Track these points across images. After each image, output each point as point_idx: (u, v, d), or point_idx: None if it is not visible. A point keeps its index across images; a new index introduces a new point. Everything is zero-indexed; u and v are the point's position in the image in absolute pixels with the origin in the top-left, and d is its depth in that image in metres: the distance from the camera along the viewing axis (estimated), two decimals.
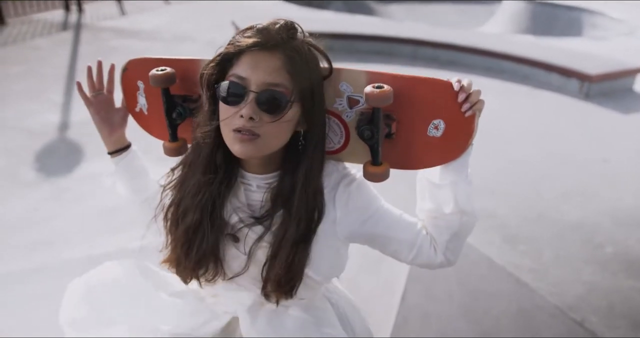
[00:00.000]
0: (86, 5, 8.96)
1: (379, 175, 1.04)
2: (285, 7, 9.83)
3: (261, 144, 0.97)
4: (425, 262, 1.11)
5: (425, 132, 1.02)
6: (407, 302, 2.60)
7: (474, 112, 0.98)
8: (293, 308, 1.16)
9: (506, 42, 7.24)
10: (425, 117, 1.01)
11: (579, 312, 2.63)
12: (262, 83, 0.94)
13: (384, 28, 7.75)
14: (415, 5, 12.97)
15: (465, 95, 0.97)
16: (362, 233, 1.10)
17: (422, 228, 1.11)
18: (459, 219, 1.06)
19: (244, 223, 1.05)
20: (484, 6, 12.65)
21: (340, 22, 8.17)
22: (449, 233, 1.08)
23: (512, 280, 2.84)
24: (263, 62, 0.94)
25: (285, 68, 0.95)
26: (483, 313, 2.59)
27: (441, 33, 7.39)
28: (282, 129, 0.98)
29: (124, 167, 1.28)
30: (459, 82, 0.98)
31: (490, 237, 3.22)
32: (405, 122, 1.03)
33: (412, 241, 1.10)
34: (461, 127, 1.00)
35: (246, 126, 0.95)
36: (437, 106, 1.00)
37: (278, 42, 0.95)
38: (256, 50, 0.95)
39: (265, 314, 1.14)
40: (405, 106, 1.02)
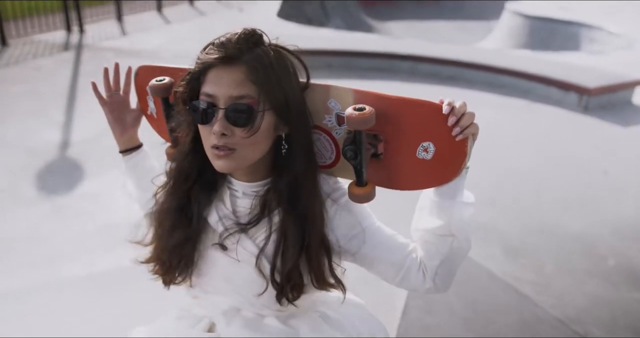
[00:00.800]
0: (87, 26, 9.05)
1: (362, 196, 1.02)
2: (285, 25, 9.93)
3: (238, 157, 0.97)
4: (412, 286, 1.08)
5: (414, 154, 0.99)
6: (408, 316, 2.58)
7: (465, 136, 0.94)
8: (270, 318, 1.14)
9: (505, 57, 7.29)
10: (413, 139, 0.99)
11: (581, 324, 2.61)
12: (228, 98, 0.94)
13: (383, 44, 7.81)
14: (413, 23, 13.11)
15: (455, 118, 0.93)
16: (348, 250, 1.08)
17: (412, 251, 1.08)
18: (449, 244, 1.01)
19: (229, 231, 1.06)
20: (482, 23, 12.78)
21: (340, 40, 8.24)
22: (439, 258, 1.03)
23: (513, 292, 2.82)
24: (226, 76, 0.94)
25: (248, 79, 0.94)
26: (484, 326, 2.57)
27: (440, 49, 7.45)
28: (257, 139, 0.97)
29: (133, 166, 1.31)
30: (449, 105, 0.94)
31: (490, 249, 3.20)
32: (393, 142, 1.01)
33: (400, 263, 1.07)
34: (453, 150, 0.96)
35: (220, 142, 0.95)
36: (426, 128, 0.97)
37: (237, 54, 0.95)
38: (219, 66, 0.95)
39: (241, 319, 1.13)
40: (392, 127, 1.00)
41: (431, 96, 3.70)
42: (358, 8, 13.34)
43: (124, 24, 9.53)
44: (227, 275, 1.09)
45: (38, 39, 8.23)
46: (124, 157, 1.31)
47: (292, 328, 1.14)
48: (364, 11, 13.35)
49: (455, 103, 0.95)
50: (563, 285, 2.92)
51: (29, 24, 8.52)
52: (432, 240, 1.02)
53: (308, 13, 11.82)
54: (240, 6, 11.50)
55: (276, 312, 1.12)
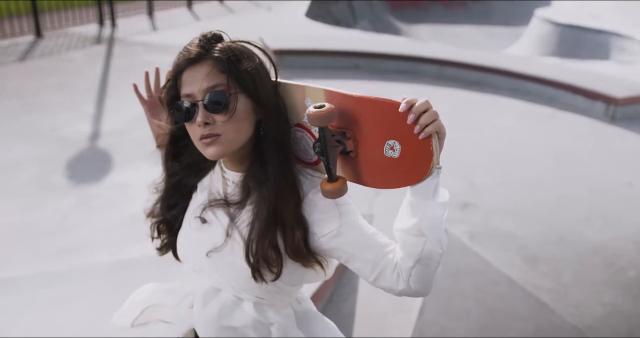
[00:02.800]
0: (119, 20, 9.23)
1: (332, 191, 1.03)
2: (312, 25, 9.98)
3: (225, 140, 1.06)
4: (387, 286, 1.08)
5: (382, 152, 1.01)
6: (424, 318, 2.61)
7: (427, 134, 0.95)
8: (247, 304, 1.17)
9: (532, 64, 7.25)
10: (378, 137, 1.00)
11: (598, 333, 2.62)
12: (203, 90, 1.04)
13: (409, 48, 7.82)
14: (441, 27, 13.05)
15: (413, 116, 0.94)
16: (325, 246, 1.09)
17: (390, 252, 1.08)
18: (422, 244, 1.00)
19: (210, 203, 1.16)
20: (510, 28, 12.67)
21: (366, 41, 8.27)
22: (412, 260, 1.02)
23: (531, 300, 2.84)
24: (197, 73, 1.05)
25: (216, 68, 1.05)
26: (500, 333, 2.59)
27: (466, 54, 7.44)
28: (238, 122, 1.06)
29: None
30: (407, 103, 0.95)
31: (510, 257, 3.22)
32: (361, 140, 1.04)
33: (375, 262, 1.07)
34: (418, 149, 0.96)
35: (205, 131, 1.05)
36: (389, 127, 0.98)
37: (202, 52, 1.06)
38: (189, 67, 1.06)
39: (219, 302, 1.17)
40: (358, 125, 1.03)
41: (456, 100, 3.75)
42: (386, 10, 13.34)
43: (154, 19, 9.68)
44: (210, 256, 1.16)
45: (71, 31, 8.41)
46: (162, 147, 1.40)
47: (264, 318, 1.17)
48: (391, 13, 13.34)
49: (415, 101, 0.95)
50: (581, 295, 2.92)
51: (64, 17, 8.71)
52: (407, 240, 1.03)
53: (335, 14, 11.86)
54: (270, 5, 11.60)
55: (255, 297, 1.16)
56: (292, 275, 1.12)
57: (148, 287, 1.36)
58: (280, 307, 1.20)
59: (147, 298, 1.32)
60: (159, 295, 1.30)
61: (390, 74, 6.86)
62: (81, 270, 2.87)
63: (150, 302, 1.30)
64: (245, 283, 1.13)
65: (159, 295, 1.31)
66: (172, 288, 1.30)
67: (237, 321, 1.16)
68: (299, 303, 1.27)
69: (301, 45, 7.18)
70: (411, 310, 2.66)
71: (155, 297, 1.31)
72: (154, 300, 1.30)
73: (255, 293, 1.15)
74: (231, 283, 1.15)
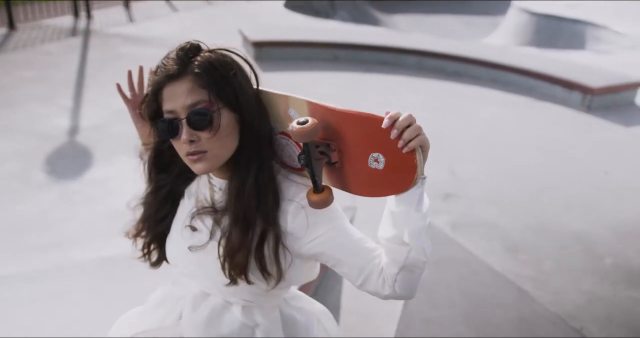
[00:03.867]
0: (95, 12, 9.07)
1: (318, 202, 1.05)
2: (292, 16, 9.93)
3: (211, 156, 1.06)
4: (373, 290, 1.10)
5: (366, 164, 1.02)
6: (409, 309, 2.65)
7: (411, 149, 0.95)
8: (236, 307, 1.18)
9: (511, 54, 7.31)
10: (362, 149, 1.02)
11: (578, 320, 2.68)
12: (185, 107, 1.04)
13: (390, 38, 7.83)
14: (420, 16, 13.07)
15: (397, 132, 0.95)
16: (312, 250, 1.10)
17: (376, 257, 1.09)
18: (406, 253, 1.02)
19: (198, 211, 1.16)
20: (488, 18, 12.74)
21: (346, 32, 8.25)
22: (396, 267, 1.03)
23: (513, 288, 2.89)
24: (177, 89, 1.04)
25: (197, 84, 1.03)
26: (484, 321, 2.64)
27: (447, 44, 7.47)
28: (223, 138, 1.05)
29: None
30: (390, 118, 0.95)
31: (491, 245, 3.27)
32: (345, 152, 1.05)
33: (361, 267, 1.08)
34: (402, 162, 0.98)
35: (191, 149, 1.05)
36: (373, 140, 1.00)
37: (180, 68, 1.04)
38: (168, 83, 1.05)
39: (208, 306, 1.19)
40: (342, 137, 1.04)
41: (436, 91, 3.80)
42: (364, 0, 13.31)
43: (131, 10, 9.53)
44: (199, 261, 1.17)
45: (46, 23, 8.25)
46: (146, 149, 1.39)
47: (251, 321, 1.19)
48: (370, 4, 13.32)
49: (399, 116, 0.96)
50: (562, 283, 2.98)
51: (37, 9, 8.53)
52: (391, 248, 1.04)
53: (314, 4, 11.80)
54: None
55: (243, 301, 1.17)
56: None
57: (132, 313, 1.36)
58: (268, 309, 1.22)
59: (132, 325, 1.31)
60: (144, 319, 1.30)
61: (371, 65, 6.87)
62: (65, 266, 2.85)
63: (137, 329, 1.29)
64: (234, 289, 1.14)
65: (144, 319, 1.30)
66: (161, 299, 1.29)
67: (226, 325, 1.18)
68: (287, 305, 1.29)
69: (280, 36, 7.14)
70: (396, 300, 2.69)
71: (142, 322, 1.30)
72: (141, 327, 1.29)
73: (244, 297, 1.16)
74: (219, 288, 1.16)
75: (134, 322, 1.32)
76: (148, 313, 1.30)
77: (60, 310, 2.50)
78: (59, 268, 2.83)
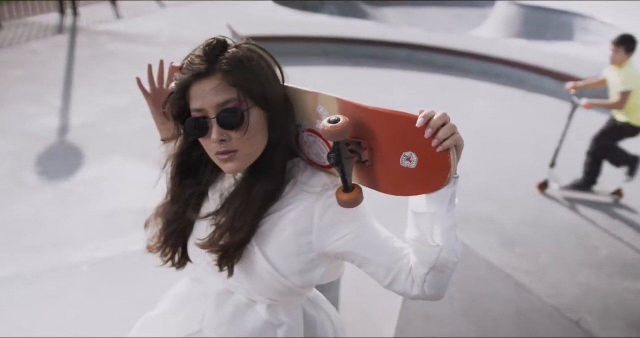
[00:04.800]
0: (81, 9, 8.97)
1: (347, 201, 1.03)
2: (279, 10, 9.88)
3: (242, 156, 1.04)
4: (401, 290, 1.08)
5: (398, 162, 1.00)
6: (409, 304, 2.66)
7: (446, 148, 0.93)
8: (260, 305, 1.17)
9: (501, 47, 7.33)
10: (394, 148, 0.99)
11: (575, 312, 2.70)
12: (214, 106, 1.01)
13: (380, 32, 7.82)
14: (408, 9, 13.06)
15: (431, 131, 0.93)
16: (338, 249, 1.09)
17: (404, 256, 1.07)
18: (436, 253, 1.00)
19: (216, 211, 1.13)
20: (476, 10, 12.76)
21: (336, 26, 8.23)
22: (426, 267, 1.02)
23: (510, 282, 2.91)
24: (206, 87, 1.01)
25: (226, 82, 1.01)
26: (482, 315, 2.65)
27: (437, 37, 7.48)
28: (254, 135, 1.04)
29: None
30: (424, 117, 0.93)
31: (488, 240, 3.28)
32: (376, 151, 1.03)
33: (390, 267, 1.07)
34: (435, 161, 0.95)
35: (221, 148, 1.03)
36: (406, 139, 0.97)
37: (209, 66, 1.01)
38: (196, 81, 1.02)
39: (232, 304, 1.18)
40: (373, 136, 1.01)
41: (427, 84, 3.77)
42: None
43: (117, 7, 9.44)
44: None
45: (31, 21, 8.16)
46: (165, 144, 1.38)
47: (276, 320, 1.18)
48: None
49: (433, 114, 0.94)
50: (558, 275, 3.00)
51: (22, 6, 8.42)
52: (421, 248, 1.03)
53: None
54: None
55: (268, 299, 1.16)
56: (302, 277, 1.12)
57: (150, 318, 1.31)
58: (292, 308, 1.21)
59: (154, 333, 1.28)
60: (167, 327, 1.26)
61: (360, 59, 6.86)
62: (60, 267, 2.83)
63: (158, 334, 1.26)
64: (259, 287, 1.12)
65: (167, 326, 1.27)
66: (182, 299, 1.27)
67: (250, 323, 1.16)
68: (311, 305, 1.28)
69: (270, 31, 7.11)
70: (395, 296, 2.70)
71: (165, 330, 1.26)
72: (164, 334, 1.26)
73: (268, 296, 1.15)
74: (244, 286, 1.15)
75: (154, 329, 1.28)
76: (169, 318, 1.27)
77: (56, 311, 2.49)
78: (53, 269, 2.81)
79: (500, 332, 2.55)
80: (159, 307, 1.33)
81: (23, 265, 2.85)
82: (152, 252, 1.24)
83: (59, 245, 3.04)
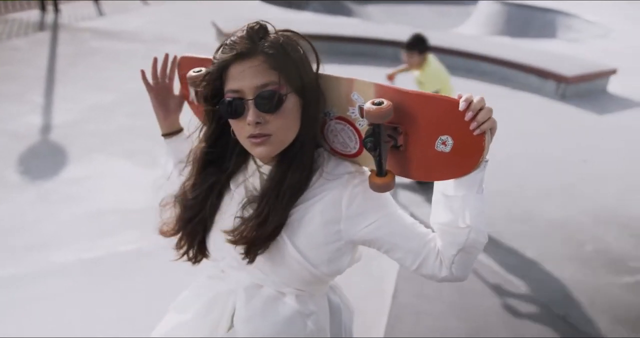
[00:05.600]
0: (62, 5, 8.86)
1: (382, 186, 1.05)
2: (264, 8, 9.85)
3: (275, 140, 1.04)
4: (429, 273, 1.11)
5: (432, 147, 1.02)
6: (399, 301, 2.66)
7: (483, 131, 0.97)
8: (290, 296, 1.17)
9: (486, 44, 7.37)
10: (431, 132, 1.01)
11: (562, 307, 2.73)
12: (253, 88, 1.00)
13: (366, 30, 7.82)
14: (392, 6, 13.08)
15: (472, 114, 0.96)
16: (367, 237, 1.11)
17: (431, 240, 1.10)
18: (466, 234, 1.03)
19: (248, 201, 1.12)
20: (460, 7, 12.83)
21: (321, 24, 8.22)
22: (455, 248, 1.05)
23: (498, 277, 2.92)
24: (247, 69, 1.00)
25: (267, 64, 1.00)
26: (471, 310, 2.67)
27: None
28: (289, 120, 1.04)
29: (174, 149, 1.37)
30: (466, 101, 0.96)
31: None
32: (412, 135, 1.04)
33: (418, 251, 1.09)
34: (470, 144, 0.99)
35: (256, 131, 1.02)
36: (444, 123, 0.99)
37: (251, 47, 1.01)
38: (236, 62, 1.01)
39: (262, 297, 1.17)
40: (411, 120, 1.02)
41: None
42: None
43: (100, 4, 9.33)
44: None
45: (12, 18, 8.04)
46: (166, 140, 1.38)
47: (305, 309, 1.19)
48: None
49: (472, 98, 0.97)
50: (545, 270, 3.03)
51: (2, 4, 8.29)
52: (450, 230, 1.06)
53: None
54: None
55: (296, 290, 1.17)
56: (330, 266, 1.13)
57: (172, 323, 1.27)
58: (318, 297, 1.23)
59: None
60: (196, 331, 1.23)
61: (347, 57, 6.85)
62: (46, 268, 2.79)
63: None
64: (288, 277, 1.13)
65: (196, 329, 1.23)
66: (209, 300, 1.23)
67: (281, 314, 1.17)
68: (333, 292, 1.30)
69: None
70: (385, 293, 2.70)
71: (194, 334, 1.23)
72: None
73: (297, 286, 1.16)
74: (273, 278, 1.15)
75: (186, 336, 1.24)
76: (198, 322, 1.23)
77: (43, 314, 2.45)
78: (39, 270, 2.77)
79: (489, 327, 2.57)
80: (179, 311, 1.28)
81: (8, 267, 2.80)
82: (164, 236, 1.22)
83: (44, 246, 2.99)
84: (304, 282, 1.15)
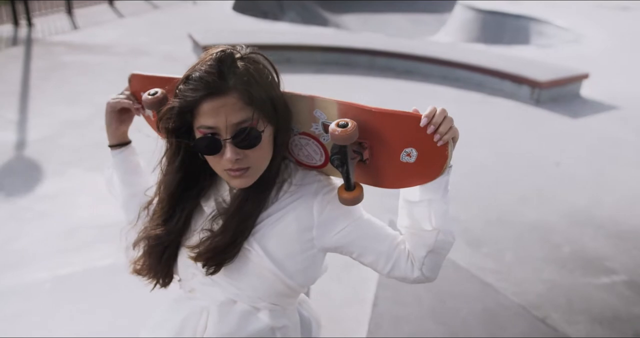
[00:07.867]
0: (36, 19, 8.77)
1: (351, 200, 1.07)
2: (240, 18, 9.85)
3: (253, 172, 1.05)
4: (401, 275, 1.13)
5: (398, 159, 1.05)
6: (378, 308, 2.66)
7: (446, 141, 0.99)
8: (264, 312, 1.17)
9: (460, 51, 7.46)
10: (395, 146, 1.04)
11: (541, 310, 2.75)
12: (230, 126, 0.98)
13: (341, 39, 7.87)
14: (368, 16, 13.21)
15: (434, 127, 0.98)
16: (338, 242, 1.12)
17: (401, 242, 1.13)
18: (434, 236, 1.07)
19: (213, 215, 1.12)
20: (435, 16, 12.99)
21: (298, 34, 8.24)
22: (425, 250, 1.08)
23: (476, 281, 2.94)
24: (221, 106, 0.97)
25: (242, 101, 0.98)
26: (451, 315, 2.67)
27: (397, 43, 7.56)
28: (265, 151, 1.05)
29: (121, 160, 1.34)
30: (427, 117, 0.98)
31: None
32: (377, 149, 1.06)
33: (389, 253, 1.11)
34: (434, 154, 1.02)
35: (235, 166, 1.01)
36: (407, 137, 1.02)
37: (223, 83, 0.97)
38: (208, 99, 0.97)
39: (236, 314, 1.17)
40: (375, 136, 1.05)
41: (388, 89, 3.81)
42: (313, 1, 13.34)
43: (74, 17, 9.27)
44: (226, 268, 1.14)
45: None
46: (113, 151, 1.35)
47: (279, 323, 1.19)
48: (318, 4, 13.36)
49: (435, 111, 0.99)
50: (523, 273, 3.05)
51: None
52: (418, 233, 1.09)
53: (263, 6, 11.75)
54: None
55: (270, 304, 1.17)
56: (304, 275, 1.15)
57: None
58: (290, 312, 1.24)
59: None
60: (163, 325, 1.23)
61: (323, 66, 6.89)
62: (21, 287, 2.73)
63: None
64: (263, 291, 1.13)
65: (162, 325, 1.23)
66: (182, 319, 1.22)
67: (254, 330, 1.16)
68: (302, 307, 1.31)
69: (231, 40, 7.06)
70: (365, 301, 2.70)
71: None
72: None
73: (272, 300, 1.16)
74: (248, 293, 1.14)
75: None
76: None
77: (20, 332, 2.40)
78: (15, 289, 2.71)
79: (469, 330, 2.58)
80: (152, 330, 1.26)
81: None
82: (140, 276, 1.20)
83: (17, 264, 2.93)
84: (278, 295, 1.15)
